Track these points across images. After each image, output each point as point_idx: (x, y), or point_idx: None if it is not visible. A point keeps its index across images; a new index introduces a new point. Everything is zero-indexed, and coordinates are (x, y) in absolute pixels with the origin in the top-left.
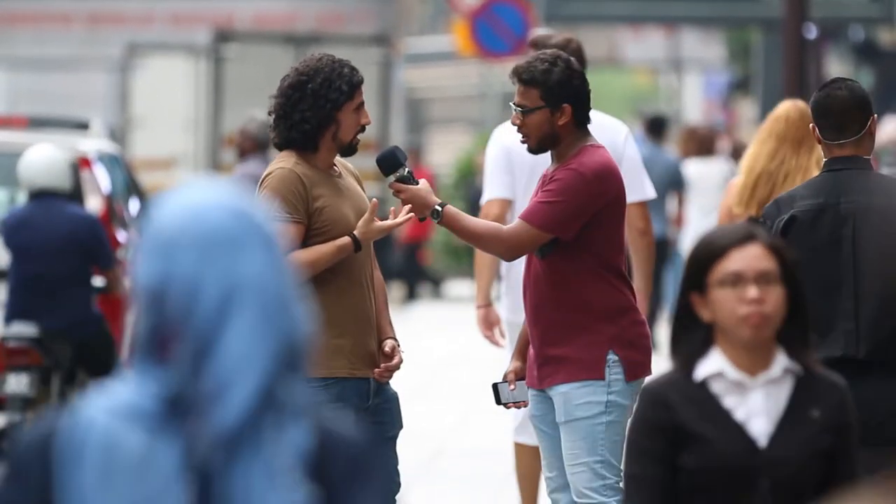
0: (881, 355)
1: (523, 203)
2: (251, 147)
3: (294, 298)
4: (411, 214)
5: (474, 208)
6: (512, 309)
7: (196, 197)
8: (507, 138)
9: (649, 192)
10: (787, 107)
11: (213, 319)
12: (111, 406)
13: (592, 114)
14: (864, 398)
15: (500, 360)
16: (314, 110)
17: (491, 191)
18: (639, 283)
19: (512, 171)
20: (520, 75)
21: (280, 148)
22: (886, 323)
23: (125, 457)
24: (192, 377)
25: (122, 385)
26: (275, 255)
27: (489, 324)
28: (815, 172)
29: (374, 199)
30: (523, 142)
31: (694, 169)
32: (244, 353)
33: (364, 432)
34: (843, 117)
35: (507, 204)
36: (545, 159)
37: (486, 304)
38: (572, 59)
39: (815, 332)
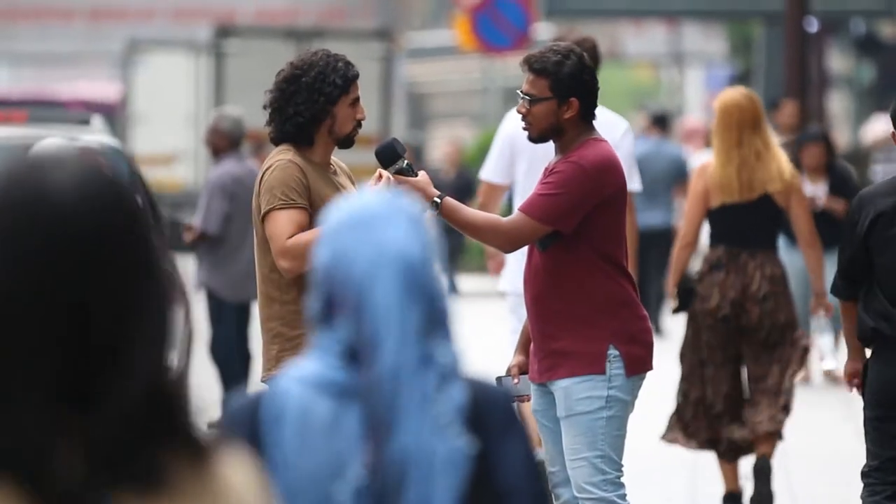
0: None
1: (525, 189)
2: (225, 145)
3: (434, 266)
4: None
5: (463, 195)
6: (513, 280)
7: (356, 195)
8: (513, 126)
9: (635, 186)
10: (735, 96)
11: (362, 282)
12: (302, 377)
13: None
14: None
15: (502, 353)
16: (308, 104)
17: (486, 173)
18: None
19: (513, 158)
20: (531, 64)
21: (276, 142)
22: None
23: (316, 420)
24: (355, 335)
25: (310, 360)
26: (417, 229)
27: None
28: (775, 148)
29: (379, 170)
30: (525, 129)
31: (699, 161)
32: (388, 311)
33: (504, 390)
34: None
35: (499, 189)
36: (548, 148)
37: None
38: (585, 54)
39: None
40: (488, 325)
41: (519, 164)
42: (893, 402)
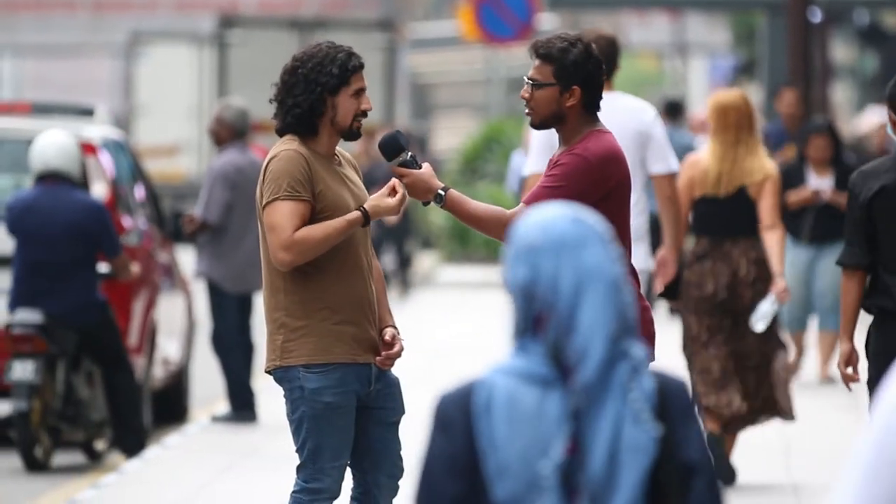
0: None
1: None
2: (228, 135)
3: (624, 279)
4: (404, 193)
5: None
6: None
7: (545, 213)
8: None
9: (673, 166)
10: (733, 98)
11: (570, 303)
12: (508, 370)
13: (621, 97)
14: None
15: (503, 346)
16: (305, 95)
17: (531, 166)
18: (668, 242)
19: (551, 150)
20: (537, 50)
21: (281, 134)
22: None
23: (523, 407)
24: (560, 346)
25: (512, 357)
26: (608, 248)
27: None
28: (760, 149)
29: (395, 179)
30: (527, 114)
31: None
32: (594, 323)
33: (683, 379)
34: None
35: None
36: None
37: None
38: (593, 44)
39: None
40: (493, 314)
41: None
42: (892, 365)
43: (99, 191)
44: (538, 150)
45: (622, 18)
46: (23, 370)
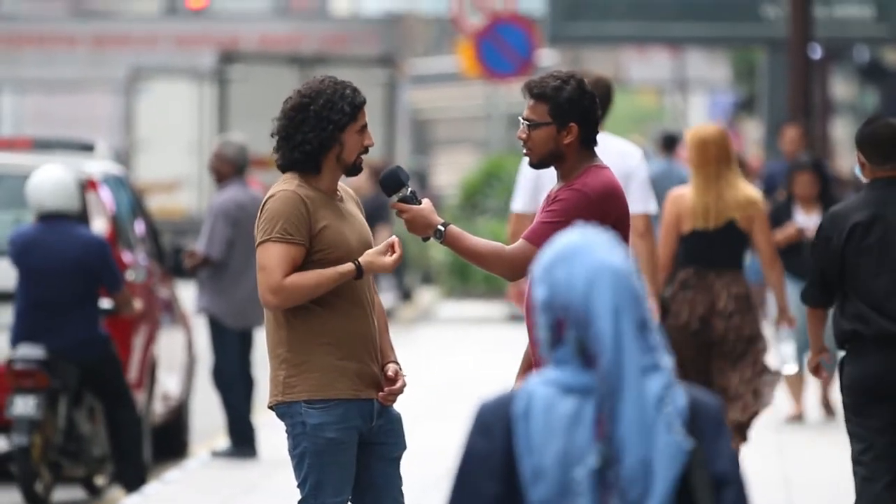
0: None
1: None
2: (229, 171)
3: (634, 272)
4: (401, 253)
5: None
6: None
7: (560, 239)
8: None
9: (651, 208)
10: (712, 133)
11: (584, 296)
12: (546, 381)
13: (611, 139)
14: None
15: (506, 379)
16: (316, 131)
17: (515, 204)
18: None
19: (536, 191)
20: (531, 89)
21: (283, 170)
22: None
23: (560, 415)
24: (584, 341)
25: (550, 370)
26: (615, 249)
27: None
28: (740, 180)
29: (395, 237)
30: (526, 155)
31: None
32: (606, 306)
33: (715, 396)
34: (888, 148)
35: (528, 218)
36: None
37: None
38: (585, 79)
39: (874, 309)
40: (493, 349)
41: (541, 195)
42: (868, 393)
43: (99, 226)
44: (522, 190)
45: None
46: (24, 405)
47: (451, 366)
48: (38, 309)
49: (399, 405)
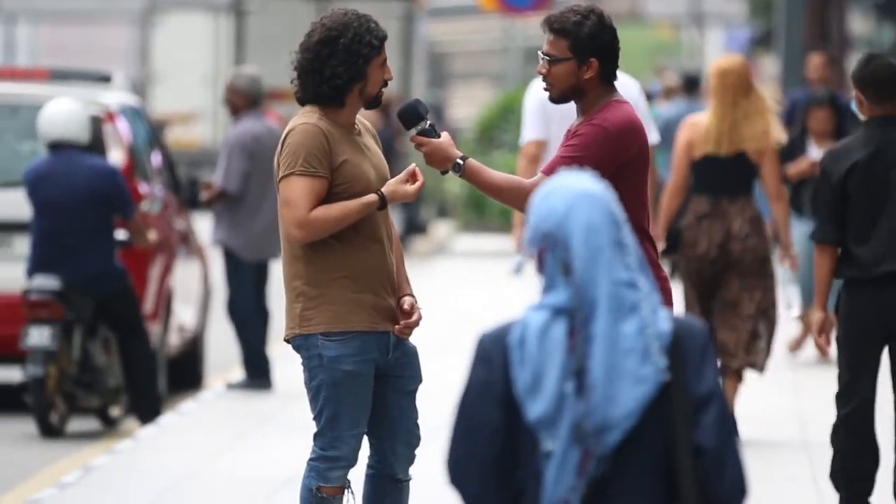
0: None
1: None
2: (243, 103)
3: (613, 203)
4: (423, 181)
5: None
6: None
7: (558, 178)
8: (541, 92)
9: (653, 138)
10: (731, 63)
11: (562, 224)
12: (538, 307)
13: None
14: None
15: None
16: (346, 65)
17: (528, 134)
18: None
19: (546, 118)
20: (551, 24)
21: (303, 103)
22: None
23: (553, 337)
24: (566, 269)
25: (543, 296)
26: (596, 184)
27: None
28: (765, 109)
29: (414, 164)
30: (546, 90)
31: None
32: (582, 239)
33: (703, 324)
34: (887, 87)
35: (542, 144)
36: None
37: None
38: (606, 14)
39: (869, 248)
40: (508, 282)
41: (551, 125)
42: (861, 328)
43: (116, 157)
44: (532, 120)
45: None
46: (39, 336)
47: (467, 299)
48: (52, 240)
49: (414, 338)
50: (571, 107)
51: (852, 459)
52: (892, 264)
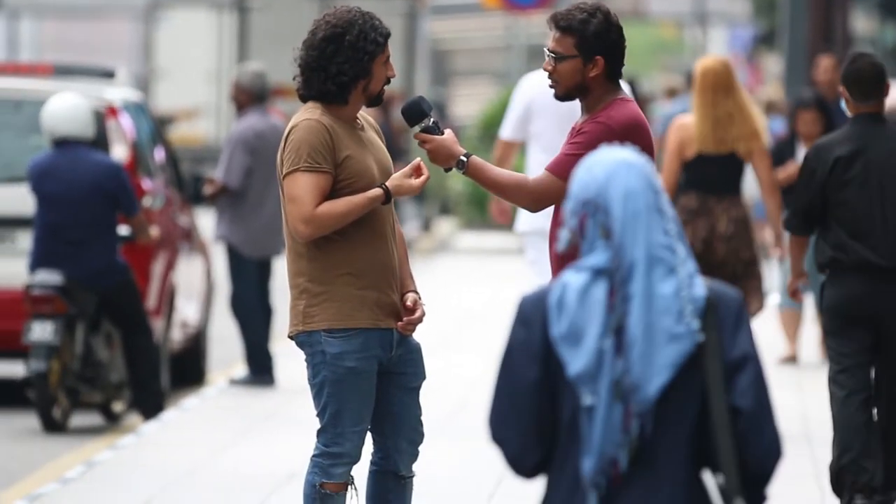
0: None
1: (550, 148)
2: (247, 100)
3: (651, 172)
4: (428, 175)
5: None
6: (530, 219)
7: (600, 152)
8: (531, 87)
9: None
10: (711, 63)
11: (603, 191)
12: (578, 268)
13: None
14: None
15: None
16: (351, 63)
17: (503, 131)
18: None
19: (529, 118)
20: (557, 22)
21: (305, 100)
22: None
23: (593, 296)
24: (606, 232)
25: (583, 258)
26: (635, 155)
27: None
28: (748, 110)
29: (419, 159)
30: (552, 87)
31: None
32: (621, 203)
33: (737, 292)
34: (870, 85)
35: (515, 145)
36: (568, 108)
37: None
38: (612, 12)
39: (854, 240)
40: (511, 279)
41: (534, 123)
42: (847, 317)
43: (119, 153)
44: (512, 118)
45: None
46: (42, 331)
47: (469, 296)
48: (55, 235)
49: (417, 335)
50: (565, 105)
51: (848, 446)
52: (877, 257)
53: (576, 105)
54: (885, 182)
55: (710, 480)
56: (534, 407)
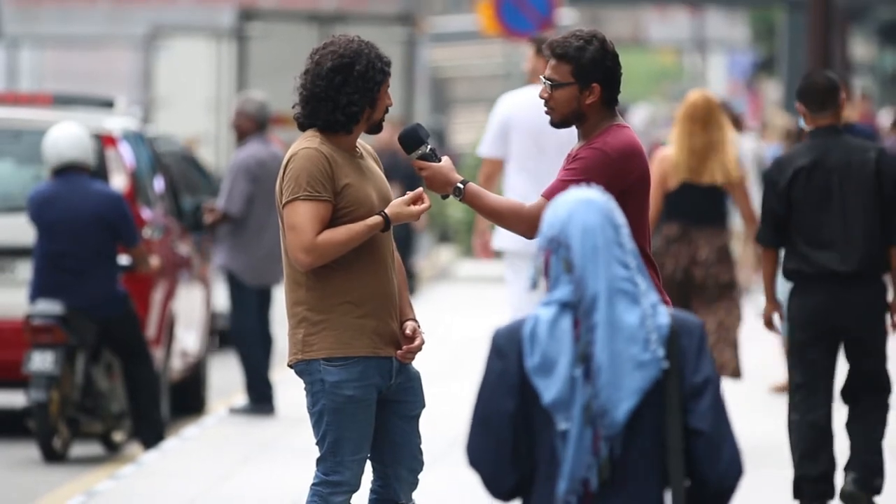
0: (864, 269)
1: (525, 168)
2: (250, 128)
3: (614, 210)
4: (429, 204)
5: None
6: (508, 238)
7: (566, 193)
8: (507, 108)
9: None
10: (695, 95)
11: (565, 227)
12: (546, 303)
13: None
14: (850, 301)
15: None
16: (361, 93)
17: (484, 149)
18: None
19: (507, 137)
20: (553, 49)
21: (304, 128)
22: (866, 244)
23: (562, 328)
24: (568, 267)
25: (549, 294)
26: (599, 194)
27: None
28: (727, 143)
29: (421, 189)
30: (548, 114)
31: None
32: (579, 239)
33: (698, 320)
34: (824, 97)
35: (499, 163)
36: (543, 129)
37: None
38: (608, 39)
39: (817, 249)
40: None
41: (511, 142)
42: (813, 327)
43: (119, 183)
44: (491, 138)
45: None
46: (42, 361)
47: (469, 324)
48: (55, 264)
49: (417, 363)
50: (538, 125)
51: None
52: (840, 264)
53: (550, 128)
54: (846, 190)
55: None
56: (508, 435)
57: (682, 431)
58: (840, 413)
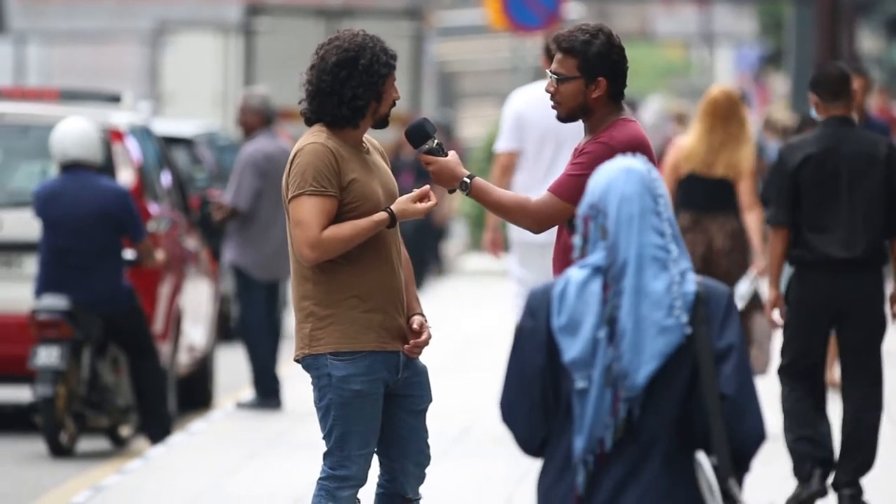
0: (864, 257)
1: (535, 166)
2: (257, 122)
3: (652, 177)
4: (435, 201)
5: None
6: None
7: (611, 161)
8: (519, 104)
9: None
10: (716, 91)
11: (603, 195)
12: (580, 265)
13: None
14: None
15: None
16: (366, 87)
17: (501, 144)
18: None
19: (522, 130)
20: (559, 43)
21: (310, 123)
22: (868, 234)
23: (591, 290)
24: (604, 232)
25: (587, 257)
26: (639, 161)
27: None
28: (743, 139)
29: (427, 186)
30: (554, 108)
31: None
32: (616, 205)
33: (727, 288)
34: (836, 88)
35: (514, 155)
36: (552, 126)
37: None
38: (614, 33)
39: (819, 235)
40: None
41: (526, 137)
42: (811, 311)
43: (125, 177)
44: (507, 131)
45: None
46: (48, 356)
47: (475, 318)
48: (61, 260)
49: (424, 357)
50: (548, 122)
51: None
52: (842, 251)
53: (560, 125)
54: (853, 180)
55: (704, 461)
56: (539, 390)
57: (717, 395)
58: (834, 405)
